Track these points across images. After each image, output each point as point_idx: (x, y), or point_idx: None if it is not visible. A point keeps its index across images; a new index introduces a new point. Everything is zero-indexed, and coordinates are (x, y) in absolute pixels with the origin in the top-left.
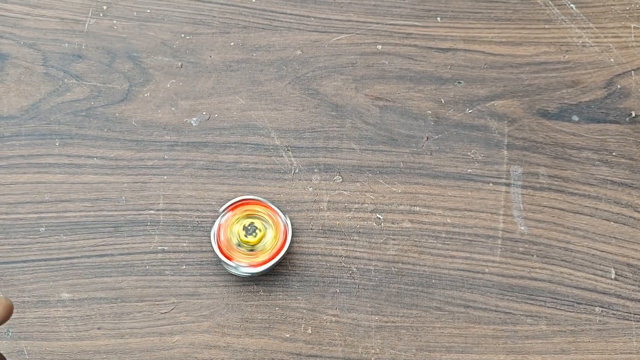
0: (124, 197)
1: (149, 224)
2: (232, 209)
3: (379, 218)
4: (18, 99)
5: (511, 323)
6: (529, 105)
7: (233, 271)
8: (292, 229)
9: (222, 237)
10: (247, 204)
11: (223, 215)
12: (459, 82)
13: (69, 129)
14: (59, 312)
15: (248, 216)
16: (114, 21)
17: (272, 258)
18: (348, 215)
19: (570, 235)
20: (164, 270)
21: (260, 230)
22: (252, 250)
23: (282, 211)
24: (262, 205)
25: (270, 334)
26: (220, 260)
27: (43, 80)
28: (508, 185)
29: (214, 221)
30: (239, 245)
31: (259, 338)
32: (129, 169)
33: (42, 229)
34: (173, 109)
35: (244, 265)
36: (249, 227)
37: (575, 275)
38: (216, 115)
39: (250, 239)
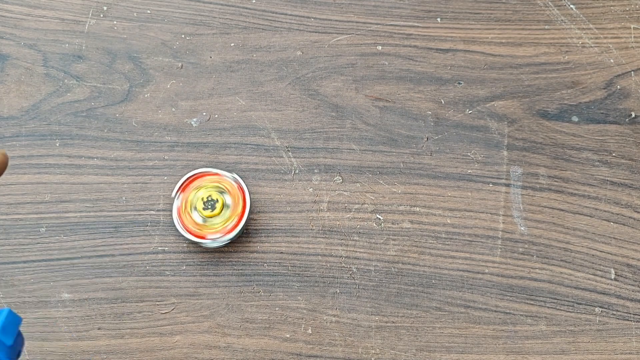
0: (124, 198)
1: (149, 224)
2: (183, 190)
3: (379, 218)
4: (18, 100)
5: (511, 323)
6: (529, 106)
7: (213, 245)
8: (293, 228)
9: (185, 221)
10: (193, 180)
11: (177, 198)
12: (459, 83)
13: (70, 130)
14: (59, 313)
15: (199, 190)
16: (115, 22)
17: (241, 218)
18: (348, 215)
19: (570, 235)
20: (164, 271)
21: (218, 200)
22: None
23: (228, 171)
24: (207, 175)
25: (271, 334)
26: (196, 243)
27: (43, 81)
28: (508, 185)
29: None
30: (205, 221)
31: (259, 338)
32: (129, 169)
33: (43, 229)
34: (173, 109)
35: (219, 236)
36: (207, 202)
37: (575, 275)
38: (216, 116)
39: (215, 211)
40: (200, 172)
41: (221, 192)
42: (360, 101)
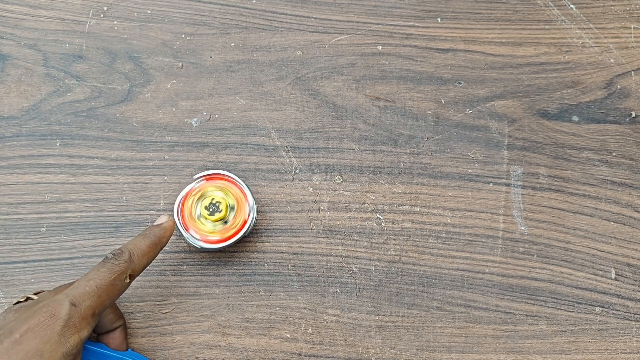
0: (124, 198)
1: (149, 224)
2: (208, 179)
3: (380, 218)
4: (19, 100)
5: (511, 323)
6: (529, 106)
7: (190, 241)
8: (293, 228)
9: (187, 204)
10: (221, 178)
11: (196, 183)
12: (459, 83)
13: (70, 130)
14: None
15: (219, 188)
16: (115, 22)
17: (223, 240)
18: (348, 215)
19: (571, 235)
20: (164, 271)
21: (221, 202)
22: (223, 224)
23: (248, 187)
24: (236, 186)
25: (271, 334)
26: (178, 229)
27: (44, 81)
28: (508, 185)
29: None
30: (202, 219)
31: (259, 338)
32: (129, 169)
33: (43, 229)
34: (173, 109)
35: (197, 238)
36: (212, 206)
37: (575, 275)
38: (217, 116)
39: (216, 216)
40: (223, 174)
41: (229, 203)
42: (361, 101)
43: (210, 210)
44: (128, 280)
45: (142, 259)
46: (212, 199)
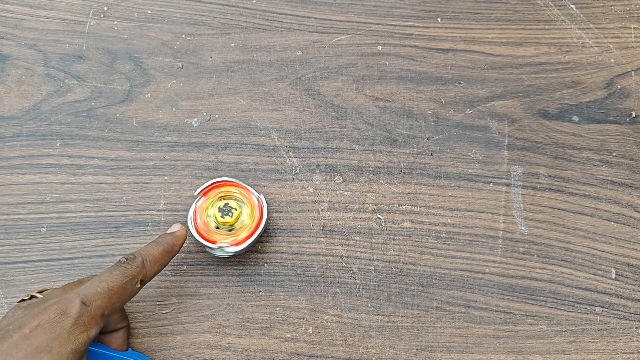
0: (124, 198)
1: (150, 224)
2: (205, 193)
3: (380, 218)
4: (19, 100)
5: (512, 323)
6: (529, 106)
7: (218, 253)
8: (294, 228)
9: (199, 221)
10: (220, 186)
11: (198, 200)
12: (460, 83)
13: (70, 130)
14: None
15: (222, 198)
16: (115, 22)
17: (252, 234)
18: (349, 215)
19: (571, 235)
20: (165, 271)
21: (235, 209)
22: (230, 230)
23: (253, 188)
24: (234, 186)
25: (271, 334)
26: (202, 245)
27: (44, 81)
28: (508, 185)
29: (189, 209)
30: (217, 227)
31: (259, 338)
32: (129, 169)
33: (43, 229)
34: (174, 109)
35: (226, 245)
36: (224, 208)
37: (575, 275)
38: (217, 116)
39: (227, 219)
40: (229, 181)
41: (240, 205)
42: (361, 101)
43: (225, 211)
44: (139, 285)
45: (154, 266)
46: (219, 206)
